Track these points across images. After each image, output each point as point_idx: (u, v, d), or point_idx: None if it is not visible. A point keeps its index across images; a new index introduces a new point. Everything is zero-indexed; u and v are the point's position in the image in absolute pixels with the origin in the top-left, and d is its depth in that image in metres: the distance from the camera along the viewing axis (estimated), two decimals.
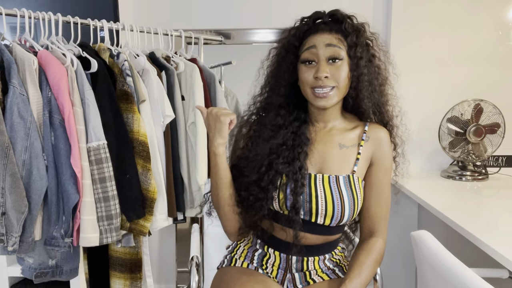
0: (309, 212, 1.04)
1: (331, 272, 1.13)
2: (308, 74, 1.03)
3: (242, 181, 1.08)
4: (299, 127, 1.08)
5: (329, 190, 1.04)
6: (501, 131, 1.86)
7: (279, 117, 1.08)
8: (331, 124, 1.11)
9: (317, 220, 1.04)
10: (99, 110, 1.35)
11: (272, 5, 2.09)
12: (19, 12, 1.35)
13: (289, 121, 1.08)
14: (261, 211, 1.05)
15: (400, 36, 2.03)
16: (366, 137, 1.10)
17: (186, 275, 2.20)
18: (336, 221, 1.04)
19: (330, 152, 1.08)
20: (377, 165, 1.09)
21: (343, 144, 1.09)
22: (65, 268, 1.38)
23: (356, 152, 1.09)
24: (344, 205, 1.03)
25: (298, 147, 1.05)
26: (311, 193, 1.03)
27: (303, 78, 1.04)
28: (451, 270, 0.81)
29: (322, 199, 1.03)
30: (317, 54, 1.02)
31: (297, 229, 1.03)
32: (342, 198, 1.03)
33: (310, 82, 1.03)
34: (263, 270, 1.13)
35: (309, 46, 1.03)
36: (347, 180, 1.05)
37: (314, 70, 1.02)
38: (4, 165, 1.20)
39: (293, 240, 1.04)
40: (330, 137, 1.10)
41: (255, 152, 1.07)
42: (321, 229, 1.06)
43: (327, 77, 1.01)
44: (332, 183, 1.05)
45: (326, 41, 1.02)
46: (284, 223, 1.05)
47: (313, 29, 1.05)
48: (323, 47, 1.02)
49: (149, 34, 1.73)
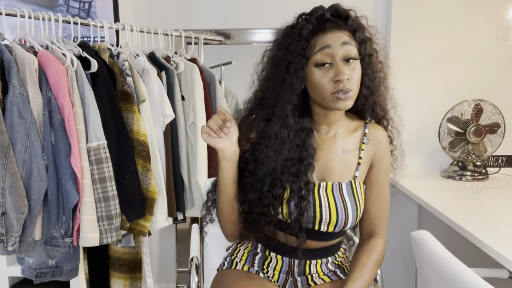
0: (312, 222, 1.02)
1: (332, 274, 1.12)
2: (325, 78, 0.92)
3: (245, 197, 1.03)
4: (306, 138, 1.00)
5: (332, 198, 1.01)
6: (501, 131, 1.86)
7: (285, 129, 0.98)
8: (335, 126, 1.05)
9: (320, 228, 1.02)
10: (99, 110, 1.35)
11: (272, 5, 2.08)
12: (19, 12, 1.35)
13: (294, 132, 0.99)
14: (267, 227, 1.01)
15: (400, 36, 2.03)
16: (367, 140, 1.07)
17: (186, 275, 2.20)
18: (339, 228, 1.03)
19: (333, 158, 1.04)
20: (377, 166, 1.08)
21: (346, 149, 1.05)
22: (65, 268, 1.38)
23: (357, 157, 1.06)
24: (348, 212, 1.01)
25: (305, 160, 0.98)
26: (315, 203, 1.01)
27: (320, 83, 0.93)
28: (451, 270, 0.81)
29: (326, 208, 1.01)
30: (333, 55, 0.92)
31: (301, 238, 1.00)
32: (345, 206, 1.01)
33: (329, 88, 0.92)
34: (264, 274, 1.12)
35: (323, 47, 0.92)
36: (349, 187, 1.03)
37: (332, 73, 0.92)
38: (4, 165, 1.20)
39: (297, 246, 1.02)
40: (334, 142, 1.05)
41: (259, 169, 1.00)
42: (324, 235, 1.05)
43: (348, 79, 0.92)
44: (335, 191, 1.02)
45: (342, 39, 0.92)
46: (287, 231, 1.04)
47: (320, 27, 0.94)
48: (339, 46, 0.92)
49: (149, 34, 1.73)
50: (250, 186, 1.01)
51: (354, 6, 1.00)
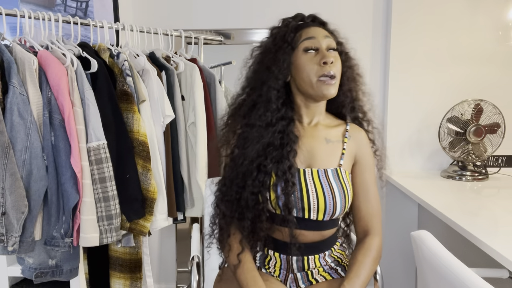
0: (301, 209, 1.04)
1: (333, 271, 1.13)
2: (312, 62, 1.01)
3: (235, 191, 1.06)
4: (287, 126, 1.05)
5: (319, 184, 1.04)
6: (501, 131, 1.86)
7: (268, 112, 1.04)
8: (316, 119, 1.11)
9: (310, 216, 1.04)
10: (99, 110, 1.35)
11: (272, 5, 2.09)
12: (19, 12, 1.35)
13: (276, 119, 1.04)
14: (262, 214, 1.04)
15: (400, 36, 2.03)
16: (349, 136, 1.12)
17: (186, 275, 2.20)
18: (328, 215, 1.05)
19: (317, 146, 1.08)
20: (360, 164, 1.11)
21: (329, 139, 1.10)
22: (65, 268, 1.38)
23: (341, 147, 1.10)
24: (336, 198, 1.03)
25: (287, 145, 1.04)
26: (302, 189, 1.04)
27: (309, 67, 1.01)
28: (451, 270, 0.81)
29: (313, 193, 1.03)
30: (319, 43, 1.02)
31: (292, 227, 1.03)
32: (332, 191, 1.03)
33: (316, 70, 1.01)
34: (266, 270, 1.14)
35: (309, 37, 1.03)
36: (335, 173, 1.06)
37: (318, 58, 1.01)
38: (4, 165, 1.20)
39: (290, 239, 1.05)
40: (316, 132, 1.10)
41: (244, 157, 1.04)
42: (315, 224, 1.06)
43: (333, 63, 1.01)
44: (322, 177, 1.05)
45: (324, 33, 1.04)
46: (278, 222, 1.05)
47: (304, 24, 1.06)
48: (322, 38, 1.03)
49: (149, 34, 1.73)
50: (236, 177, 1.04)
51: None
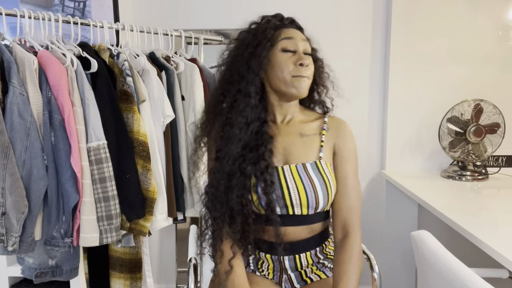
0: (285, 206, 1.04)
1: (328, 270, 1.13)
2: (289, 61, 1.03)
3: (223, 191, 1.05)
4: (261, 127, 1.06)
5: (298, 178, 1.04)
6: (501, 131, 1.86)
7: (248, 108, 1.04)
8: (289, 116, 1.11)
9: (295, 211, 1.04)
10: (99, 110, 1.35)
11: (272, 5, 2.08)
12: (19, 12, 1.35)
13: (253, 118, 1.04)
14: (248, 217, 1.04)
15: (400, 36, 2.03)
16: (327, 128, 1.11)
17: (186, 275, 2.20)
18: (312, 208, 1.04)
19: (292, 142, 1.08)
20: (339, 156, 1.10)
21: (304, 133, 1.10)
22: (65, 268, 1.38)
23: (319, 140, 1.10)
24: (317, 190, 1.03)
25: (262, 146, 1.04)
26: (282, 186, 1.03)
27: (285, 65, 1.02)
28: (451, 270, 0.81)
29: (294, 189, 1.03)
30: (296, 45, 1.04)
31: (277, 226, 1.03)
32: (313, 184, 1.03)
33: (291, 69, 1.02)
34: (260, 273, 1.14)
35: (288, 36, 1.04)
36: (315, 166, 1.06)
37: (295, 58, 1.03)
38: (4, 165, 1.20)
39: (276, 239, 1.04)
40: (290, 128, 1.10)
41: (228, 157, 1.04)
42: (302, 219, 1.06)
43: (308, 66, 1.03)
44: (301, 171, 1.05)
45: (302, 37, 1.06)
46: (263, 222, 1.05)
47: (284, 24, 1.07)
48: (300, 41, 1.05)
49: (149, 34, 1.73)
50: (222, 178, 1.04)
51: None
